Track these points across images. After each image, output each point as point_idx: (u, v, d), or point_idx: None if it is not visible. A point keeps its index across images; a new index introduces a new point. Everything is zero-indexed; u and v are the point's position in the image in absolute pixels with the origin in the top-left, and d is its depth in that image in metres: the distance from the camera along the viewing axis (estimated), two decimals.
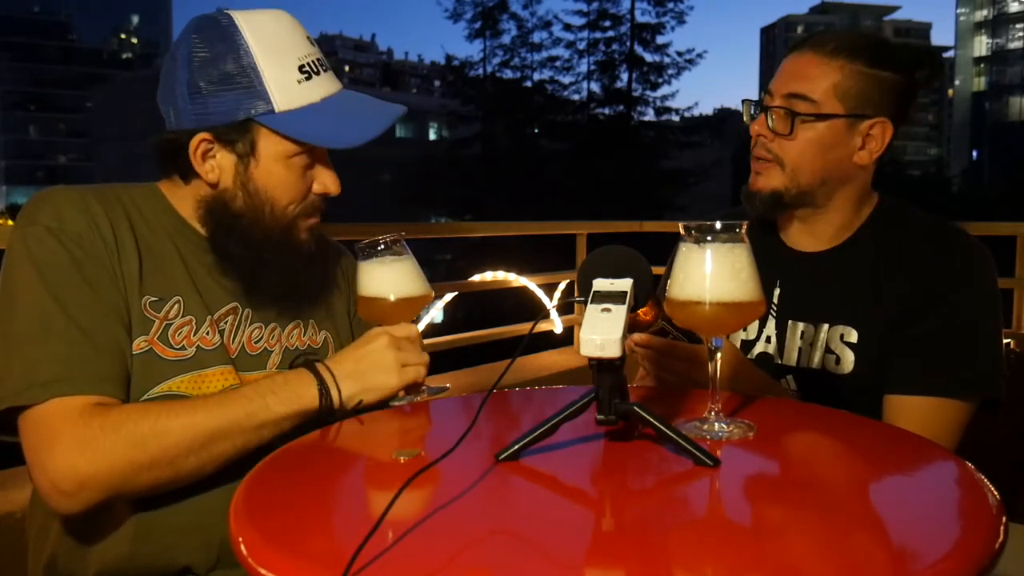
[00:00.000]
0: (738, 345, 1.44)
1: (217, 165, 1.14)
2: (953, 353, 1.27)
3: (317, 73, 1.15)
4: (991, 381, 1.27)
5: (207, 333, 1.15)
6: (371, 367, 1.12)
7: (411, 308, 1.20)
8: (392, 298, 1.19)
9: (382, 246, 1.20)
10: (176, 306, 1.14)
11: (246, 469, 0.95)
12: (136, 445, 1.01)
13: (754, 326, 1.42)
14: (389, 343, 1.14)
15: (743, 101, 1.38)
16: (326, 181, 1.18)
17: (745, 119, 1.38)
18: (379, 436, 1.14)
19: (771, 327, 1.41)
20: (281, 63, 1.12)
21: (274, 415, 1.08)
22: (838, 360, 1.34)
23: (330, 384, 1.10)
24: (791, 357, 1.39)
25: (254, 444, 1.08)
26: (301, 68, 1.13)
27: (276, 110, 1.12)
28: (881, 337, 1.31)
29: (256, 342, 1.20)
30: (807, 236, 1.40)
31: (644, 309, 1.12)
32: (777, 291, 1.42)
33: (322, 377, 1.11)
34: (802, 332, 1.38)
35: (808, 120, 1.30)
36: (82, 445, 1.00)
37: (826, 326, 1.35)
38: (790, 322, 1.39)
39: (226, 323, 1.18)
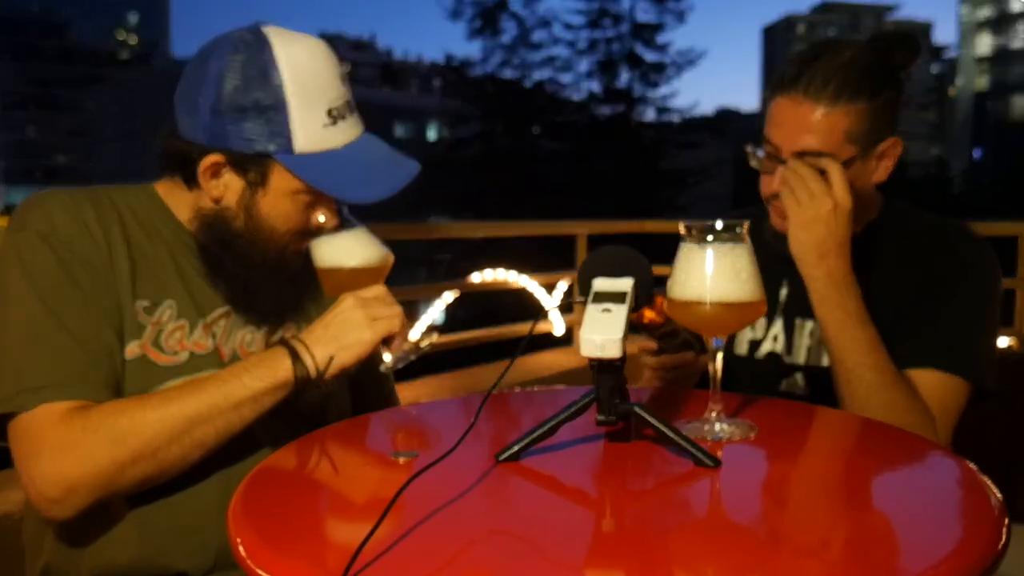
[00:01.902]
0: (745, 344, 1.43)
1: (224, 184, 1.14)
2: (952, 334, 1.27)
3: (343, 118, 1.14)
4: (986, 369, 1.28)
5: (200, 337, 1.15)
6: (341, 327, 1.11)
7: (371, 276, 1.19)
8: (348, 267, 1.18)
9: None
10: (169, 310, 1.14)
11: (241, 470, 0.95)
12: (117, 442, 1.01)
13: (761, 324, 1.42)
14: (355, 303, 1.12)
15: (747, 151, 1.34)
16: (326, 215, 1.18)
17: (753, 164, 1.34)
18: (379, 437, 1.14)
19: (779, 326, 1.41)
20: (311, 106, 1.11)
21: (250, 391, 1.06)
22: None
23: (302, 352, 1.09)
24: (799, 356, 1.38)
25: (236, 426, 1.07)
26: (329, 112, 1.13)
27: (295, 150, 1.11)
28: (889, 334, 1.29)
29: (248, 346, 1.20)
30: None
31: (653, 312, 1.11)
32: (784, 290, 1.40)
33: (294, 347, 1.10)
34: (811, 330, 1.37)
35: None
36: (65, 449, 1.00)
37: None
38: (798, 320, 1.39)
39: (219, 327, 1.18)
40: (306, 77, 1.11)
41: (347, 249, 1.19)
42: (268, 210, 1.15)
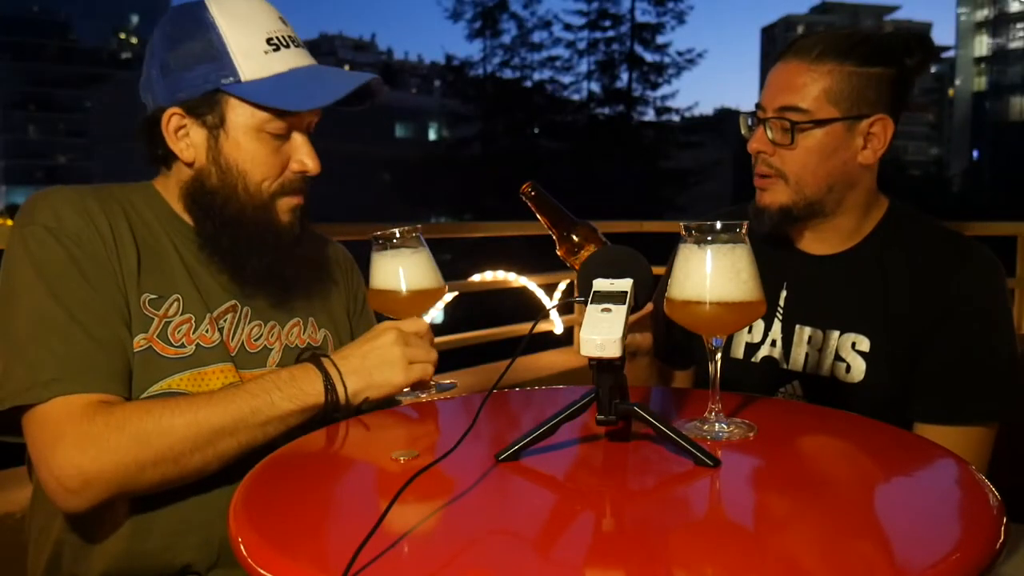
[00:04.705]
0: (742, 348, 1.42)
1: (191, 143, 1.16)
2: (979, 379, 1.26)
3: (287, 47, 1.16)
4: (1013, 401, 1.27)
5: (206, 331, 1.15)
6: (377, 363, 1.12)
7: (423, 302, 1.20)
8: (404, 291, 1.18)
9: (397, 238, 1.19)
10: (175, 304, 1.14)
11: (247, 467, 0.95)
12: (141, 442, 1.01)
13: (759, 329, 1.41)
14: (397, 339, 1.13)
15: (740, 115, 1.36)
16: (303, 158, 1.18)
17: (743, 132, 1.36)
18: (379, 437, 1.14)
19: (777, 330, 1.39)
20: (248, 34, 1.14)
21: (279, 411, 1.07)
22: (848, 368, 1.31)
23: (336, 380, 1.10)
24: (797, 362, 1.37)
25: (259, 441, 1.08)
26: (269, 40, 1.15)
27: (242, 79, 1.13)
28: (895, 347, 1.29)
29: (256, 340, 1.20)
30: (815, 240, 1.38)
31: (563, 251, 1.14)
32: (784, 293, 1.39)
33: (328, 373, 1.10)
34: (809, 337, 1.36)
35: (806, 128, 1.27)
36: (87, 442, 1.00)
37: (836, 333, 1.33)
38: (797, 326, 1.37)
39: (225, 321, 1.18)
40: (237, 10, 1.15)
41: (405, 273, 1.18)
42: (235, 154, 1.15)
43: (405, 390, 1.16)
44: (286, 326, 1.25)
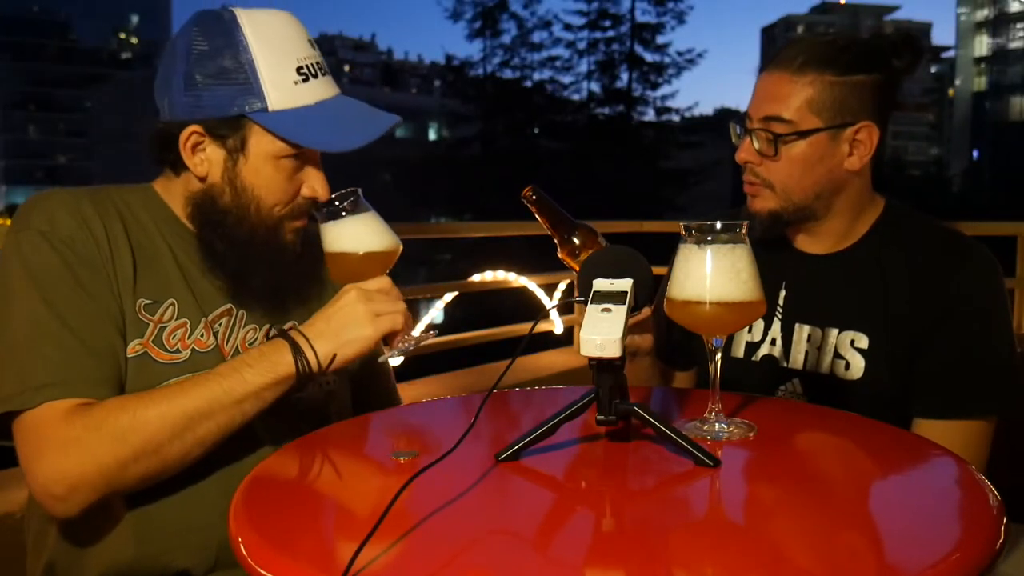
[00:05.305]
0: (743, 347, 1.43)
1: (207, 159, 1.14)
2: (978, 375, 1.27)
3: (315, 76, 1.15)
4: (1012, 396, 1.27)
5: (201, 335, 1.15)
6: (343, 322, 1.10)
7: (380, 262, 1.17)
8: (359, 253, 1.16)
9: (338, 203, 1.16)
10: (171, 309, 1.14)
11: (243, 469, 0.95)
12: (119, 439, 1.01)
13: (759, 328, 1.41)
14: (359, 296, 1.11)
15: (730, 123, 1.37)
16: (315, 185, 1.17)
17: (733, 140, 1.37)
18: (379, 437, 1.14)
19: (776, 329, 1.40)
20: (279, 62, 1.12)
21: (252, 387, 1.06)
22: (847, 366, 1.32)
23: (304, 347, 1.08)
24: (797, 360, 1.37)
25: (238, 421, 1.06)
26: (299, 70, 1.13)
27: (269, 108, 1.12)
28: (894, 345, 1.29)
29: (250, 344, 1.20)
30: (810, 240, 1.39)
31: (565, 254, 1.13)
32: (783, 293, 1.40)
33: (295, 341, 1.09)
34: (808, 335, 1.36)
35: (789, 140, 1.28)
36: (68, 447, 1.00)
37: (835, 331, 1.34)
38: (796, 325, 1.38)
39: (220, 325, 1.18)
40: (272, 36, 1.12)
41: (357, 236, 1.16)
42: (252, 179, 1.14)
43: (384, 350, 1.15)
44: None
